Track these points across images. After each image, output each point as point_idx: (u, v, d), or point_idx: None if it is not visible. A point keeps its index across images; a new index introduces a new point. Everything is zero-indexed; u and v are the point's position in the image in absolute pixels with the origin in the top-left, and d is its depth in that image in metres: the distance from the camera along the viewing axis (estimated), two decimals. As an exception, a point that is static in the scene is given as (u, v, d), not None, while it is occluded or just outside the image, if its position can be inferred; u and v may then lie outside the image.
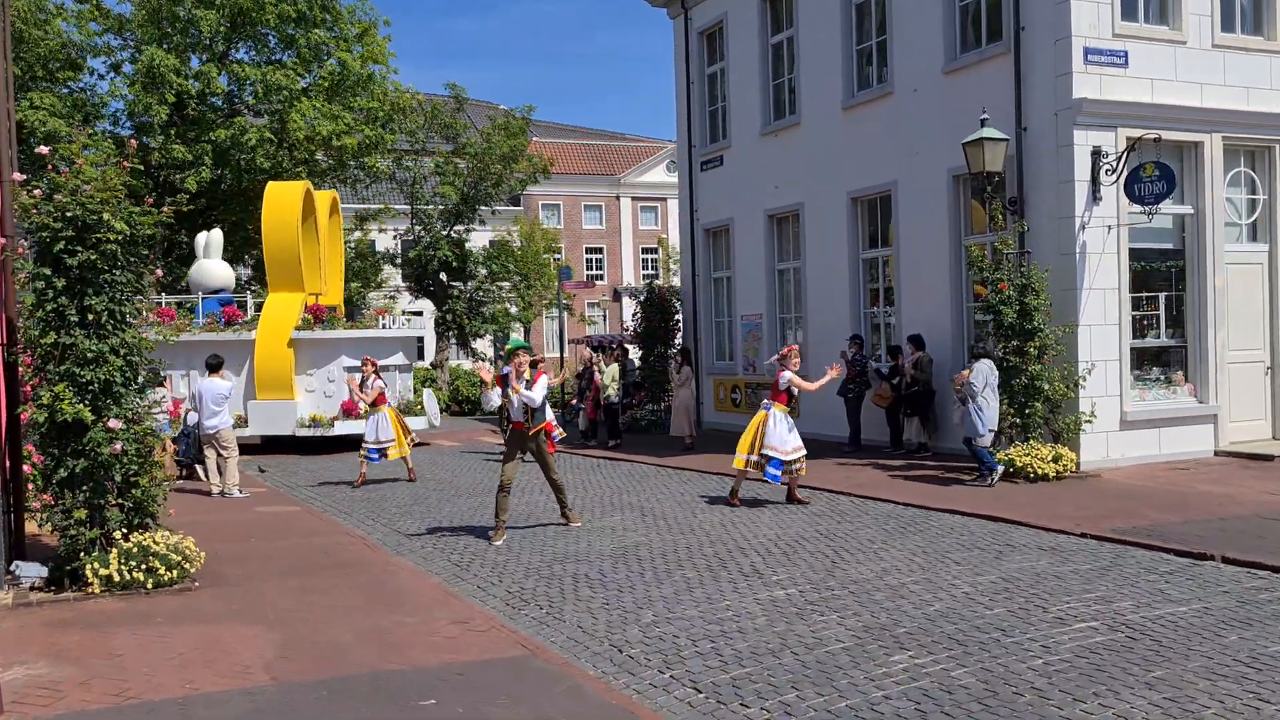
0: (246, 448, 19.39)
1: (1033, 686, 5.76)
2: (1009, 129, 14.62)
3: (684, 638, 6.99)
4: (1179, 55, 14.72)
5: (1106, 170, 14.16)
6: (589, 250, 57.08)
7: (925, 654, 6.41)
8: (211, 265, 22.81)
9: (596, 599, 8.11)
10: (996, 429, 13.30)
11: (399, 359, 20.64)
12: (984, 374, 13.12)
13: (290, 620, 7.64)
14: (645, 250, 58.74)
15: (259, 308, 21.17)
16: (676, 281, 25.90)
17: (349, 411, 19.77)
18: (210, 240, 22.91)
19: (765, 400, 12.34)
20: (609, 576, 8.82)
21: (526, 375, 10.85)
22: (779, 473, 12.00)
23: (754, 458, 12.06)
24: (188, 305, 22.16)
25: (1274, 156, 15.48)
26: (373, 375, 15.42)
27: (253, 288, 27.38)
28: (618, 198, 58.59)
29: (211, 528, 11.50)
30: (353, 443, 19.63)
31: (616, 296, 55.74)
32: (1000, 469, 13.09)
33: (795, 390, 12.30)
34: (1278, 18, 15.41)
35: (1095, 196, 14.22)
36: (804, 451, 12.35)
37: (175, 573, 8.67)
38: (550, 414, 11.55)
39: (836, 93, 18.39)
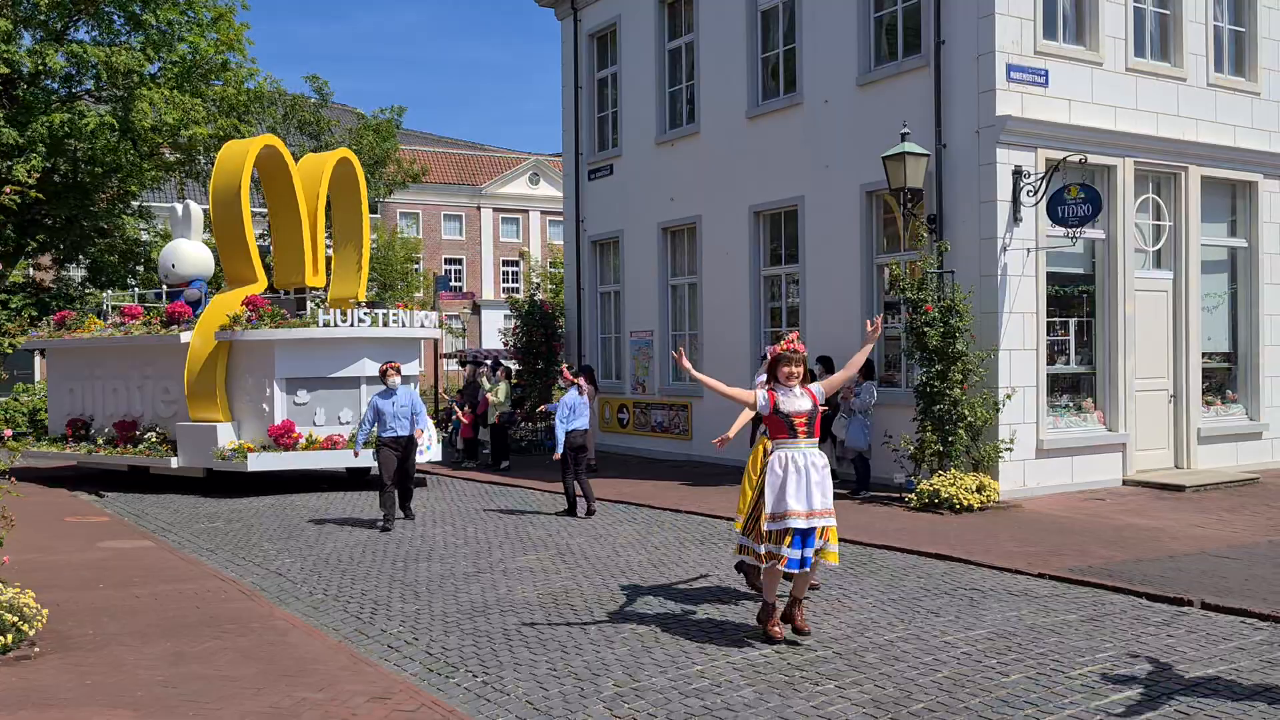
0: (191, 483, 16.00)
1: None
2: (928, 145, 14.08)
3: (661, 717, 5.85)
4: (1096, 77, 14.48)
5: (1028, 191, 13.75)
6: (448, 261, 55.29)
7: (953, 735, 5.46)
8: (189, 247, 17.58)
9: (540, 663, 6.87)
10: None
11: (363, 368, 15.60)
12: (873, 391, 14.29)
13: (165, 701, 6.15)
14: (506, 262, 57.28)
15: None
16: (541, 296, 24.57)
17: (278, 439, 15.11)
18: (182, 214, 18.05)
19: None
20: (546, 633, 7.58)
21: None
22: None
23: None
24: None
25: (1180, 184, 15.43)
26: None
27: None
28: (479, 208, 56.99)
29: (47, 571, 9.71)
30: (274, 484, 15.84)
31: (476, 309, 54.00)
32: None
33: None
34: (1184, 45, 15.40)
35: (1016, 218, 13.80)
36: None
37: (10, 636, 7.01)
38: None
39: (740, 102, 17.60)
